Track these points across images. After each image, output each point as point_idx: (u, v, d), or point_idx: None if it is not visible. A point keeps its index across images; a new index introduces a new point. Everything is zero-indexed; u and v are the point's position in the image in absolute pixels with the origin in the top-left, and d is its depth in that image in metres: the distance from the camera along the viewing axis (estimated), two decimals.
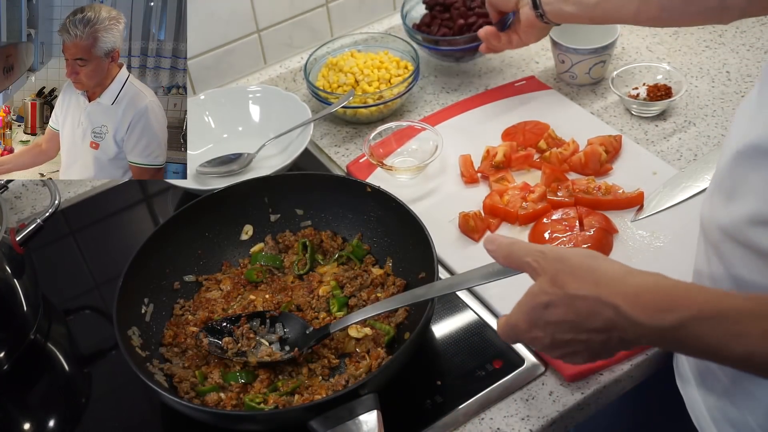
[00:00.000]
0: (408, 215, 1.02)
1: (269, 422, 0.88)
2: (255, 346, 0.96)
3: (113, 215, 1.27)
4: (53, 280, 1.14)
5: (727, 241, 0.78)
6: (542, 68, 1.42)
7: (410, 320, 0.99)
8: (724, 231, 0.78)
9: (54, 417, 1.00)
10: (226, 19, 1.38)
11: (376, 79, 1.33)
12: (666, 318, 0.69)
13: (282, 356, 0.94)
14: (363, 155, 1.25)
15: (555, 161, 1.19)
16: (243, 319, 0.98)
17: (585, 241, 1.05)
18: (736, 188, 0.77)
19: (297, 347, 0.95)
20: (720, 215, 0.79)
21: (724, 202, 0.79)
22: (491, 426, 0.91)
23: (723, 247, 0.79)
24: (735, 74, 1.35)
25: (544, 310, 0.75)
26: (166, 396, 0.87)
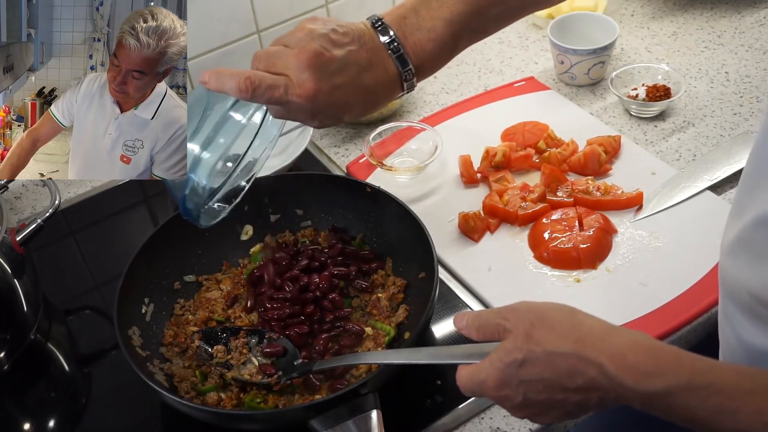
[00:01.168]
0: (408, 215, 1.02)
1: (269, 422, 0.88)
2: (244, 362, 0.95)
3: (113, 215, 1.27)
4: (53, 280, 1.14)
5: (760, 307, 0.73)
6: (541, 69, 1.42)
7: (410, 320, 0.99)
8: (758, 297, 0.73)
9: (54, 417, 1.00)
10: (226, 19, 1.38)
11: None
12: (654, 383, 0.66)
13: (260, 380, 0.92)
14: (363, 155, 1.25)
15: (554, 161, 1.19)
16: (242, 333, 0.97)
17: (584, 241, 1.06)
18: (763, 253, 0.71)
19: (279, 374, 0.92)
20: (750, 280, 0.74)
21: (753, 265, 0.73)
22: (491, 426, 0.91)
23: (757, 311, 0.74)
24: (734, 75, 1.36)
25: (519, 368, 0.71)
26: (166, 395, 0.87)
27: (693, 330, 0.99)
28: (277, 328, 0.97)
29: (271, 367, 0.93)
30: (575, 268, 1.05)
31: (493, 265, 1.08)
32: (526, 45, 1.48)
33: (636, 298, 1.01)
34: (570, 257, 1.05)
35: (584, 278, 1.04)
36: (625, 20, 1.51)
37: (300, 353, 0.94)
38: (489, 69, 1.43)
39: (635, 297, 1.01)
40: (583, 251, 1.05)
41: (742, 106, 1.29)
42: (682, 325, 0.98)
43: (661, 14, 1.52)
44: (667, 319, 0.98)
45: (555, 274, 1.05)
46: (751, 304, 0.74)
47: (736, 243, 0.76)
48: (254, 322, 1.00)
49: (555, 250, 1.06)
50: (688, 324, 0.99)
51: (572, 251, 1.05)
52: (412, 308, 1.00)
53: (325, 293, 1.00)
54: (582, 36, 1.37)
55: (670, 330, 0.98)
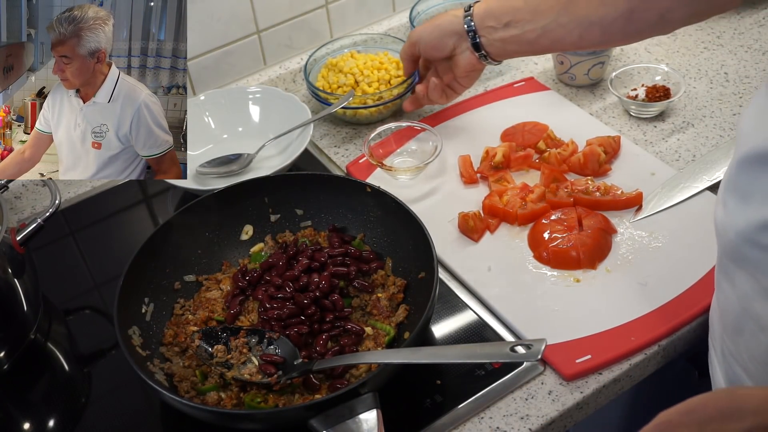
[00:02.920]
0: (408, 215, 1.02)
1: (269, 421, 0.88)
2: (244, 361, 0.95)
3: (113, 215, 1.27)
4: (53, 280, 1.14)
5: (746, 245, 0.77)
6: (541, 69, 1.42)
7: (410, 320, 0.99)
8: (742, 235, 0.77)
9: (54, 416, 1.00)
10: (226, 20, 1.39)
11: (375, 80, 1.33)
12: None
13: (260, 380, 0.93)
14: (363, 156, 1.25)
15: (554, 162, 1.19)
16: (242, 332, 0.97)
17: (584, 241, 1.06)
18: (747, 193, 0.76)
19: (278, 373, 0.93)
20: (737, 220, 0.78)
21: (738, 206, 0.78)
22: (491, 425, 0.92)
23: (743, 252, 0.78)
24: (733, 75, 1.36)
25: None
26: (166, 395, 0.87)
27: (692, 330, 0.99)
28: (278, 327, 0.97)
29: (272, 367, 0.93)
30: (575, 268, 1.06)
31: (493, 264, 1.08)
32: None
33: (635, 298, 1.01)
34: (570, 257, 1.06)
35: (584, 278, 1.05)
36: None
37: (300, 353, 0.94)
38: (489, 69, 1.43)
39: (635, 297, 1.01)
40: (582, 251, 1.05)
41: (741, 107, 1.29)
42: (682, 324, 0.99)
43: None
44: (666, 318, 0.98)
45: (555, 274, 1.05)
46: (739, 246, 0.77)
47: (723, 189, 0.79)
48: (254, 323, 1.00)
49: (555, 250, 1.06)
50: (687, 324, 0.99)
51: (572, 251, 1.05)
52: (412, 308, 1.00)
53: (325, 293, 1.00)
54: None
55: (669, 330, 0.98)
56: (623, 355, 0.96)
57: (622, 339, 0.97)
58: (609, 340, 0.97)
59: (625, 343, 0.96)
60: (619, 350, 0.96)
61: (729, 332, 0.87)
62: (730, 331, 0.87)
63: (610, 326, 0.98)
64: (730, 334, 0.87)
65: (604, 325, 0.98)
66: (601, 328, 0.98)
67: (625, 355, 0.96)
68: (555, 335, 0.97)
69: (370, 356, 0.89)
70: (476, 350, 0.87)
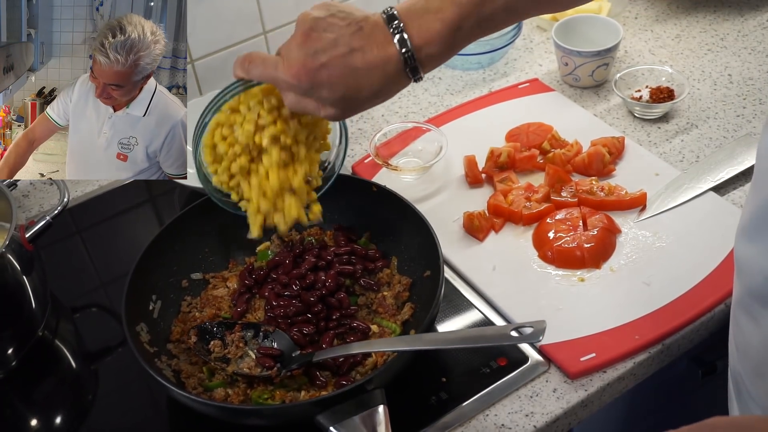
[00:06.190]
0: (414, 214, 1.03)
1: (276, 417, 0.89)
2: (241, 356, 0.96)
3: (120, 214, 1.27)
4: (61, 278, 1.15)
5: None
6: (545, 71, 1.43)
7: (415, 318, 1.00)
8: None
9: (61, 413, 1.01)
10: (232, 20, 1.39)
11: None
12: None
13: (260, 372, 0.93)
14: (368, 155, 1.26)
15: (558, 162, 1.20)
16: (237, 327, 0.98)
17: (588, 241, 1.06)
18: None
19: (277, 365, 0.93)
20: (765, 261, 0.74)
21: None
22: (496, 422, 0.92)
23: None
24: (737, 77, 1.36)
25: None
26: (174, 391, 0.88)
27: (696, 329, 1.00)
28: (284, 326, 0.98)
29: (269, 360, 0.93)
30: (579, 267, 1.06)
31: (498, 264, 1.08)
32: (530, 47, 1.49)
33: (639, 298, 1.02)
34: (574, 257, 1.06)
35: (588, 278, 1.05)
36: (628, 23, 1.52)
37: (306, 351, 0.95)
38: (493, 70, 1.44)
39: (639, 296, 1.02)
40: (587, 251, 1.06)
41: (745, 108, 1.30)
42: (685, 324, 0.99)
43: (665, 17, 1.53)
44: (670, 318, 0.99)
45: (559, 274, 1.06)
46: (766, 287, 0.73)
47: (751, 226, 0.75)
48: (261, 320, 1.01)
49: (559, 250, 1.07)
50: (691, 323, 0.99)
51: (576, 251, 1.06)
52: (418, 306, 1.01)
53: (331, 291, 1.00)
54: (586, 38, 1.38)
55: (673, 329, 0.98)
56: (627, 354, 0.96)
57: (626, 338, 0.97)
58: (613, 338, 0.97)
59: (629, 341, 0.97)
60: (623, 349, 0.96)
61: (748, 373, 0.84)
62: (750, 372, 0.84)
63: (615, 325, 0.99)
64: (750, 376, 0.84)
65: (608, 324, 0.99)
66: (606, 326, 0.98)
67: (629, 353, 0.96)
68: (559, 334, 0.97)
69: (371, 345, 0.90)
70: (478, 334, 0.87)
